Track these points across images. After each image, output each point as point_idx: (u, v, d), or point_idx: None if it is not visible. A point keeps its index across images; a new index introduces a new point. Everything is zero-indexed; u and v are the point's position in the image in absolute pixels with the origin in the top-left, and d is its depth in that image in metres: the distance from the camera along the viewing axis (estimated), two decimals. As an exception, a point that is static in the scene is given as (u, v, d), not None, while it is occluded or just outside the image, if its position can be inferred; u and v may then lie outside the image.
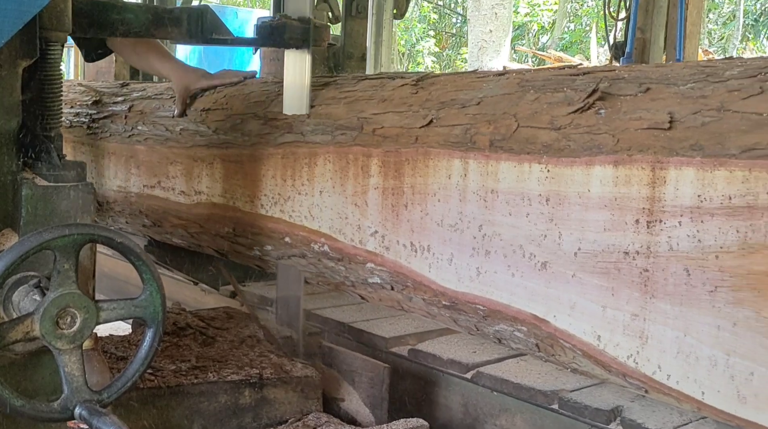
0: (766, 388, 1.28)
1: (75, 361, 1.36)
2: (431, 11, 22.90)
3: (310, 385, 2.02)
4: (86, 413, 1.34)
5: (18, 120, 1.47)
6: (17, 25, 1.30)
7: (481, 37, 15.68)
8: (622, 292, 1.45)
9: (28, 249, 1.28)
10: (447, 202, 1.71)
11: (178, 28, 2.02)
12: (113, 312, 1.39)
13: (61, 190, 1.46)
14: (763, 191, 1.27)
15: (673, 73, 1.50)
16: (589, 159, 1.49)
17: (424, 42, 22.65)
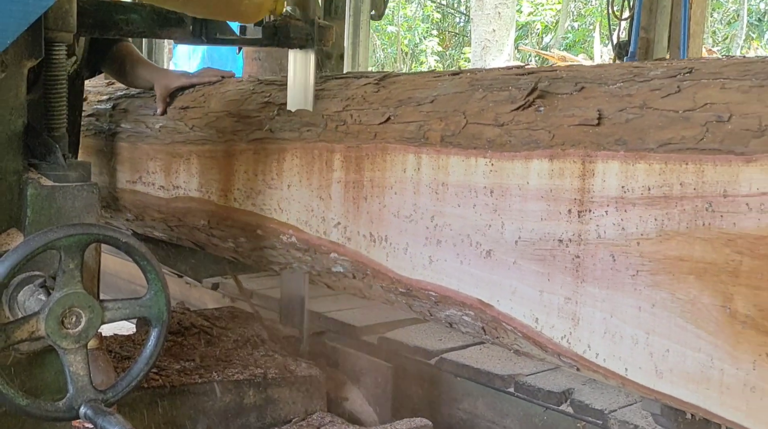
0: (679, 364, 1.41)
1: (80, 361, 1.37)
2: (434, 10, 23.01)
3: (315, 384, 2.06)
4: (91, 412, 1.36)
5: (23, 120, 1.50)
6: (23, 26, 1.31)
7: (484, 36, 15.81)
8: (557, 278, 1.58)
9: (34, 249, 1.29)
10: (402, 195, 1.85)
11: (183, 29, 2.05)
12: (118, 311, 1.41)
13: (66, 190, 1.47)
14: (677, 182, 1.40)
15: (606, 73, 1.63)
16: (528, 153, 1.62)
17: (427, 41, 22.76)
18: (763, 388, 1.31)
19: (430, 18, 23.02)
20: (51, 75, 1.58)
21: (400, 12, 23.17)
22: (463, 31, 22.61)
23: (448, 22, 23.98)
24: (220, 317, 2.41)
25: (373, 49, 23.70)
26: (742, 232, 1.32)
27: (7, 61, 1.44)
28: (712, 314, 1.36)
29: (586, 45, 19.10)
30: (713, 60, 1.53)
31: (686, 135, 1.40)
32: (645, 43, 6.34)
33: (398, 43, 23.28)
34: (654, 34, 6.36)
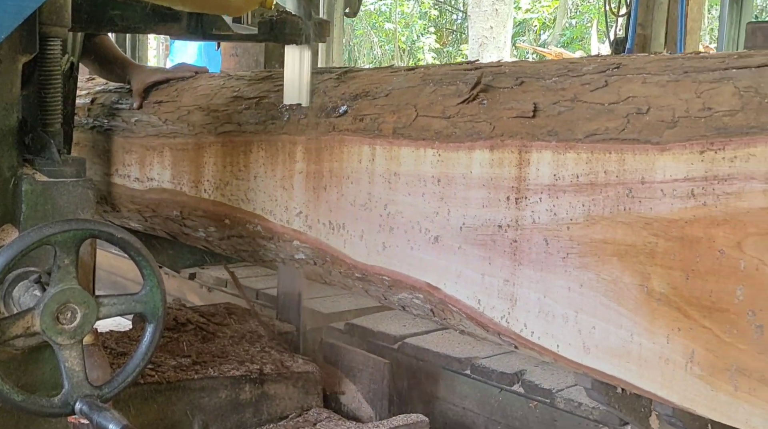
0: (604, 339, 1.54)
1: (75, 357, 1.38)
2: (432, 7, 23.14)
3: (311, 380, 2.10)
4: (87, 408, 1.36)
5: (18, 115, 1.50)
6: (17, 21, 1.31)
7: (481, 33, 15.94)
8: (497, 261, 1.71)
9: (29, 244, 1.30)
10: (358, 184, 1.97)
11: (178, 24, 2.07)
12: (113, 307, 1.42)
13: (61, 185, 1.48)
14: (601, 170, 1.53)
15: (545, 68, 1.75)
16: (471, 144, 1.74)
17: (424, 38, 22.89)
18: (676, 360, 1.44)
19: (428, 15, 23.15)
20: (45, 70, 1.58)
21: (398, 9, 23.31)
22: (461, 28, 22.74)
23: (446, 19, 24.10)
24: (216, 313, 2.44)
25: (370, 46, 23.83)
26: (658, 216, 1.44)
27: (1, 56, 1.45)
28: (631, 293, 1.49)
29: (584, 42, 19.23)
30: (641, 56, 1.65)
31: (610, 126, 1.52)
32: (642, 40, 6.42)
33: (395, 40, 23.41)
34: (651, 30, 6.43)
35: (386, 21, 23.61)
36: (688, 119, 1.42)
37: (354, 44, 24.12)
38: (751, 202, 1.32)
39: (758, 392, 1.34)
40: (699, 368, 1.41)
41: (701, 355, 1.40)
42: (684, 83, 1.47)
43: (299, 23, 2.10)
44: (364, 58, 23.05)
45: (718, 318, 1.37)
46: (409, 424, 1.99)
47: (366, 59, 22.95)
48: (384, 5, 23.60)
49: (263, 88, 2.31)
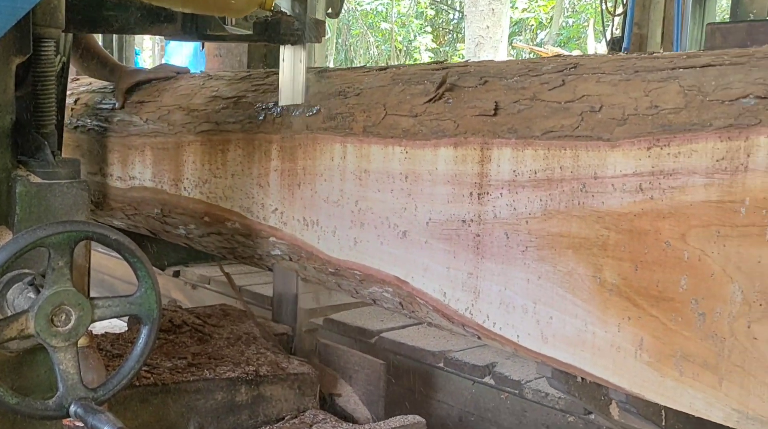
0: (560, 329, 1.62)
1: (70, 359, 1.38)
2: (428, 7, 23.23)
3: (307, 382, 2.11)
4: (81, 411, 1.36)
5: (12, 117, 1.50)
6: (10, 22, 1.32)
7: (478, 33, 16.02)
8: (461, 255, 1.79)
9: (23, 246, 1.30)
10: (331, 181, 2.05)
11: (173, 24, 2.08)
12: (108, 309, 1.42)
13: (55, 187, 1.48)
14: (557, 166, 1.61)
15: (508, 68, 1.83)
16: (436, 141, 1.82)
17: (421, 38, 22.98)
18: (626, 348, 1.52)
19: (424, 15, 23.23)
20: (39, 71, 1.59)
21: (394, 8, 23.39)
22: (457, 28, 22.82)
23: (442, 19, 24.18)
24: (212, 315, 2.46)
25: (366, 46, 23.92)
26: (609, 210, 1.52)
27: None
28: (585, 284, 1.57)
29: (581, 41, 19.31)
30: (597, 57, 1.73)
31: (565, 124, 1.60)
32: (638, 39, 6.49)
33: (392, 40, 23.50)
34: (647, 29, 6.49)
35: (383, 21, 23.70)
36: (637, 117, 1.50)
37: (350, 44, 24.21)
38: (693, 196, 1.40)
39: (701, 377, 1.41)
40: (647, 355, 1.48)
41: (649, 343, 1.48)
42: (634, 82, 1.55)
43: (294, 23, 2.12)
44: (361, 58, 23.14)
45: (665, 307, 1.45)
46: (406, 425, 2.00)
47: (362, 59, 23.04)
48: (380, 5, 23.70)
49: (241, 88, 2.39)
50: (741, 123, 1.35)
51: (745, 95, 1.37)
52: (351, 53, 23.53)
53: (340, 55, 23.30)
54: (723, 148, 1.36)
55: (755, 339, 1.34)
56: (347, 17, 24.19)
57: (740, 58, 1.45)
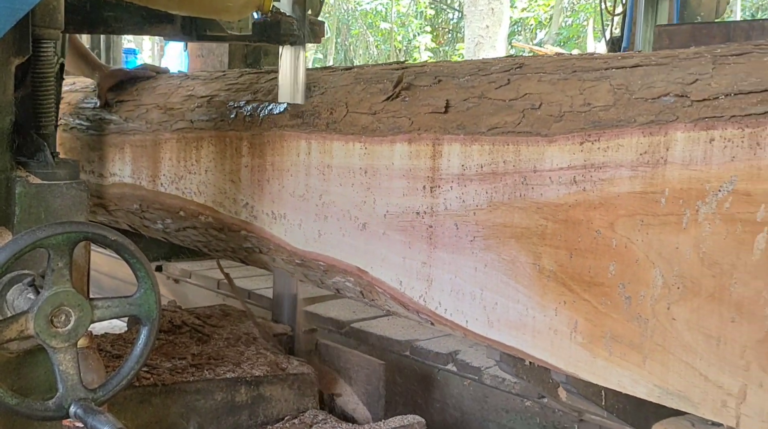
0: (504, 314, 1.74)
1: (70, 360, 1.39)
2: (428, 7, 23.37)
3: (306, 382, 2.15)
4: (81, 411, 1.38)
5: (11, 118, 1.52)
6: (10, 23, 1.33)
7: (477, 32, 16.15)
8: (416, 245, 1.92)
9: (22, 247, 1.31)
10: (297, 177, 2.18)
11: (172, 25, 2.12)
12: (108, 310, 1.44)
13: (54, 188, 1.50)
14: (501, 160, 1.73)
15: (460, 68, 1.96)
16: (392, 137, 1.95)
17: (420, 38, 23.11)
18: (562, 330, 1.64)
19: (424, 14, 23.37)
20: (39, 72, 1.61)
21: (394, 8, 23.53)
22: (457, 28, 22.95)
23: (442, 18, 24.31)
24: (212, 315, 2.52)
25: (366, 46, 24.05)
26: (547, 202, 1.65)
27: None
28: (526, 271, 1.70)
29: (580, 41, 19.42)
30: (542, 57, 1.86)
31: (508, 120, 1.73)
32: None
33: (392, 40, 23.63)
34: None
35: (382, 20, 23.83)
36: (572, 113, 1.62)
37: (350, 44, 24.34)
38: (620, 187, 1.53)
39: (628, 356, 1.54)
40: (581, 337, 1.61)
41: (583, 325, 1.61)
42: (571, 81, 1.67)
43: (293, 24, 2.16)
44: (360, 58, 23.28)
45: (596, 291, 1.58)
46: (406, 425, 2.04)
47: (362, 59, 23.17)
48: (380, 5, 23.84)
49: (215, 88, 2.52)
50: (661, 119, 1.47)
51: (665, 94, 1.49)
52: (350, 53, 23.66)
53: (340, 55, 23.45)
54: (645, 142, 1.49)
55: (674, 319, 1.46)
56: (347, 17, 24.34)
57: (665, 59, 1.58)
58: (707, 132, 1.41)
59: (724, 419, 1.43)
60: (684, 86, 1.47)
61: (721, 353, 1.41)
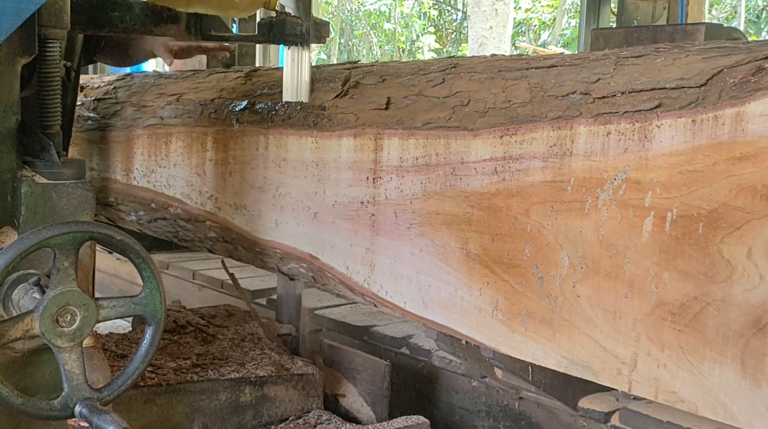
0: (437, 295, 1.93)
1: (75, 359, 1.41)
2: (431, 8, 23.57)
3: (311, 382, 2.19)
4: (86, 411, 1.40)
5: (17, 118, 1.54)
6: (16, 23, 1.35)
7: (481, 33, 16.32)
8: (361, 232, 2.10)
9: (28, 247, 1.33)
10: (256, 170, 2.37)
11: (177, 25, 2.15)
12: (113, 310, 1.45)
13: (60, 187, 1.52)
14: (434, 153, 1.92)
15: (404, 68, 2.15)
16: (340, 132, 2.14)
17: (424, 38, 23.31)
18: (486, 309, 1.82)
19: (427, 15, 23.56)
20: (45, 72, 1.64)
21: (397, 9, 23.73)
22: (460, 28, 23.13)
23: (445, 19, 24.49)
24: (216, 315, 2.57)
25: (369, 47, 24.25)
26: (473, 191, 1.83)
27: (0, 58, 1.50)
28: (455, 255, 1.88)
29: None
30: (475, 57, 2.04)
31: (441, 116, 1.91)
32: (639, 40, 6.75)
33: (395, 41, 23.82)
34: None
35: (386, 21, 24.02)
36: (494, 110, 1.81)
37: (353, 44, 24.54)
38: (534, 177, 1.71)
39: (540, 331, 1.72)
40: (501, 314, 1.79)
41: (503, 304, 1.79)
42: (496, 80, 1.86)
43: (298, 24, 2.21)
44: (364, 59, 23.45)
45: (514, 272, 1.76)
46: (410, 426, 2.08)
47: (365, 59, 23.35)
48: (384, 5, 24.03)
49: (184, 86, 2.71)
50: (567, 115, 1.66)
51: (573, 92, 1.68)
52: (354, 54, 23.85)
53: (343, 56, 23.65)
54: (554, 136, 1.67)
55: (578, 296, 1.64)
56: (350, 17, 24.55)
57: (577, 61, 1.76)
58: (605, 126, 1.59)
59: (618, 385, 1.61)
60: (588, 85, 1.65)
61: (616, 326, 1.59)
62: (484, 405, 2.39)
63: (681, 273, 1.48)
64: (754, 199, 1.38)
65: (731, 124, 1.41)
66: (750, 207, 1.38)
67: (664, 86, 1.52)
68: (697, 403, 1.49)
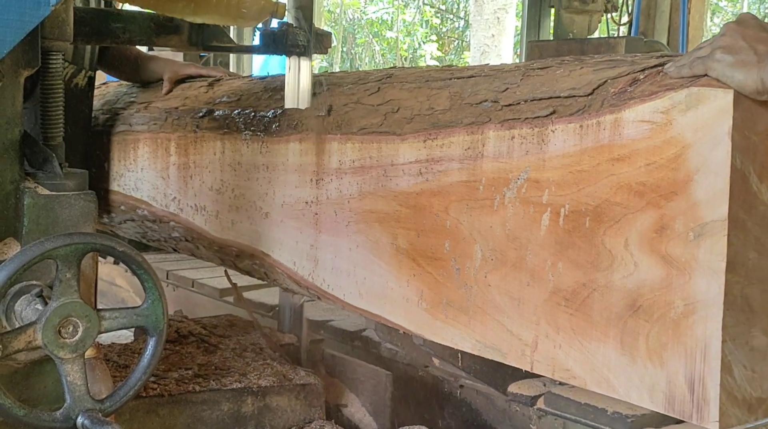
0: (371, 287, 2.13)
1: (77, 370, 1.44)
2: (434, 16, 23.83)
3: (313, 392, 2.23)
4: (89, 422, 1.42)
5: (20, 129, 1.57)
6: (19, 35, 1.38)
7: (483, 41, 16.55)
8: (306, 230, 2.31)
9: (31, 258, 1.36)
10: (214, 173, 2.58)
11: (179, 36, 2.23)
12: (115, 321, 1.49)
13: (62, 199, 1.56)
14: (368, 156, 2.13)
15: (347, 77, 2.36)
16: (287, 137, 2.35)
17: (426, 46, 23.57)
18: (412, 299, 2.03)
19: (429, 23, 23.83)
20: (48, 84, 1.68)
21: (399, 17, 23.99)
22: (462, 36, 23.37)
23: (447, 27, 24.74)
24: (218, 325, 2.64)
25: (372, 55, 24.51)
26: (401, 191, 2.04)
27: (3, 71, 1.52)
28: (387, 249, 2.09)
29: (585, 51, 19.75)
30: (408, 69, 2.26)
31: (374, 122, 2.12)
32: (643, 48, 6.89)
33: (397, 49, 24.08)
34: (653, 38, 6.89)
35: (388, 29, 24.28)
36: (420, 116, 2.02)
37: (355, 53, 24.80)
38: (452, 178, 1.92)
39: (458, 318, 1.93)
40: (425, 303, 2.00)
41: (427, 294, 1.99)
42: (423, 89, 2.07)
43: (300, 35, 2.29)
44: (366, 67, 23.71)
45: (436, 265, 1.96)
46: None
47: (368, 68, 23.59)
48: (386, 13, 24.30)
49: (153, 95, 2.93)
50: (479, 121, 1.87)
51: (485, 100, 1.89)
52: (356, 62, 24.11)
53: (346, 64, 23.91)
54: (469, 140, 1.88)
55: (489, 285, 1.85)
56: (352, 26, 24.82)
57: (493, 71, 1.97)
58: (510, 131, 1.80)
59: (522, 365, 1.81)
60: (497, 93, 1.87)
61: (520, 311, 1.79)
62: (428, 392, 2.58)
63: (572, 262, 1.69)
64: (629, 195, 1.59)
65: (611, 128, 1.62)
66: (626, 202, 1.59)
67: (558, 95, 1.73)
68: (586, 379, 1.69)
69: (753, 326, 1.51)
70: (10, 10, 1.35)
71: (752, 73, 1.42)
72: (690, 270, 1.49)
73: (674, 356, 1.53)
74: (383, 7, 24.49)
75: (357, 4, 24.44)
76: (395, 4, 24.13)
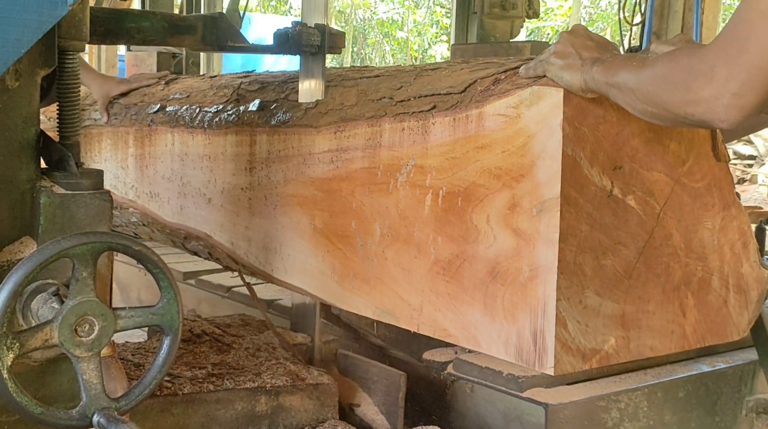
0: (294, 263, 2.47)
1: (93, 369, 1.47)
2: (444, 16, 24.17)
3: (326, 392, 2.29)
4: (104, 420, 1.45)
5: (36, 128, 1.61)
6: (37, 35, 1.41)
7: (493, 41, 16.90)
8: (241, 213, 2.65)
9: (47, 257, 1.39)
10: (166, 163, 2.93)
11: (193, 36, 2.28)
12: (131, 320, 1.52)
13: (78, 198, 1.59)
14: (290, 147, 2.46)
15: (282, 77, 2.70)
16: (226, 130, 2.69)
17: (436, 47, 23.92)
18: (326, 272, 2.36)
19: (440, 23, 24.17)
20: (64, 84, 1.73)
21: (410, 17, 24.34)
22: (472, 36, 23.64)
23: (457, 27, 24.97)
24: (232, 325, 2.74)
25: (382, 55, 24.86)
26: (318, 177, 2.38)
27: (20, 71, 1.56)
28: (306, 229, 2.42)
29: (595, 51, 19.99)
30: (331, 69, 2.60)
31: (296, 116, 2.46)
32: (655, 49, 7.04)
33: (408, 49, 24.44)
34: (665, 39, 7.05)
35: (398, 29, 24.63)
36: (333, 111, 2.35)
37: (366, 53, 25.17)
38: (357, 165, 2.26)
39: (362, 288, 2.26)
40: (337, 276, 2.33)
41: (338, 268, 2.33)
42: (338, 87, 2.41)
43: (314, 35, 2.34)
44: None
45: (345, 242, 2.30)
46: None
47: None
48: (396, 14, 24.65)
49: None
50: (378, 115, 2.20)
51: (383, 96, 2.22)
52: (367, 62, 24.47)
53: (356, 63, 24.29)
54: (369, 131, 2.22)
55: (386, 259, 2.18)
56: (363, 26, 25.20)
57: (394, 72, 2.31)
58: (401, 124, 2.13)
59: (411, 327, 2.14)
60: (393, 91, 2.20)
61: (410, 280, 2.12)
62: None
63: (448, 237, 2.02)
64: (490, 178, 1.92)
65: (476, 121, 1.95)
66: (488, 184, 1.92)
67: (439, 92, 2.07)
68: (459, 337, 2.02)
69: (586, 288, 1.83)
70: (28, 10, 1.39)
71: (577, 75, 1.75)
72: (534, 241, 1.82)
73: (522, 314, 1.85)
74: (394, 8, 24.85)
75: (368, 4, 24.82)
76: (406, 4, 24.50)
